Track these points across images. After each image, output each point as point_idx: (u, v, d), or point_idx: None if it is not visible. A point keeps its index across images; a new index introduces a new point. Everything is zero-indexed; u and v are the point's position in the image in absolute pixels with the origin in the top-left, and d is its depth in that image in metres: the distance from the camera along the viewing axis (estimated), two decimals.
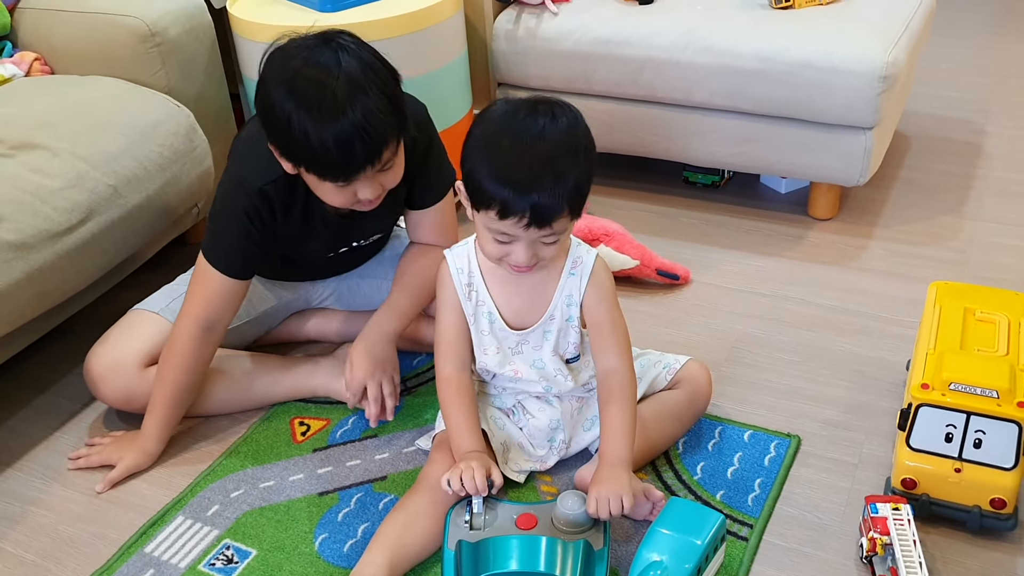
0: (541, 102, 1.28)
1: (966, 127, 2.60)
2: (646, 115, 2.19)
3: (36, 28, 2.02)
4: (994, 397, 1.30)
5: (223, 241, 1.51)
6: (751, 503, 1.44)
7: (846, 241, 2.10)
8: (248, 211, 1.48)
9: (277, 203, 1.49)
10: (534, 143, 1.23)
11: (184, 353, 1.53)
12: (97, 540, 1.46)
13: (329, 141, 1.30)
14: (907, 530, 1.27)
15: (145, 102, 1.86)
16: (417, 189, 1.62)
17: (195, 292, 1.53)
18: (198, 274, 1.54)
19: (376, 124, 1.32)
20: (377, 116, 1.32)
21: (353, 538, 1.42)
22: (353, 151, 1.32)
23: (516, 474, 1.46)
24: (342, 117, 1.29)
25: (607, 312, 1.40)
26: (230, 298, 1.54)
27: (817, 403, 1.63)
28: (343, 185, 1.38)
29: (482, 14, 2.26)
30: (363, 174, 1.37)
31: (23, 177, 1.61)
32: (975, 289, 1.57)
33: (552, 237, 1.27)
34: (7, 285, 1.53)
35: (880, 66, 1.92)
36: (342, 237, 1.65)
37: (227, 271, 1.51)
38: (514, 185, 1.22)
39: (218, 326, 1.55)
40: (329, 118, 1.29)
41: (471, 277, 1.42)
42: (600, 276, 1.40)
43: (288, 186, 1.48)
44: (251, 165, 1.48)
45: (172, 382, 1.54)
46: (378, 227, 1.69)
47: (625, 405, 1.38)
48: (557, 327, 1.41)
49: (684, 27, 2.09)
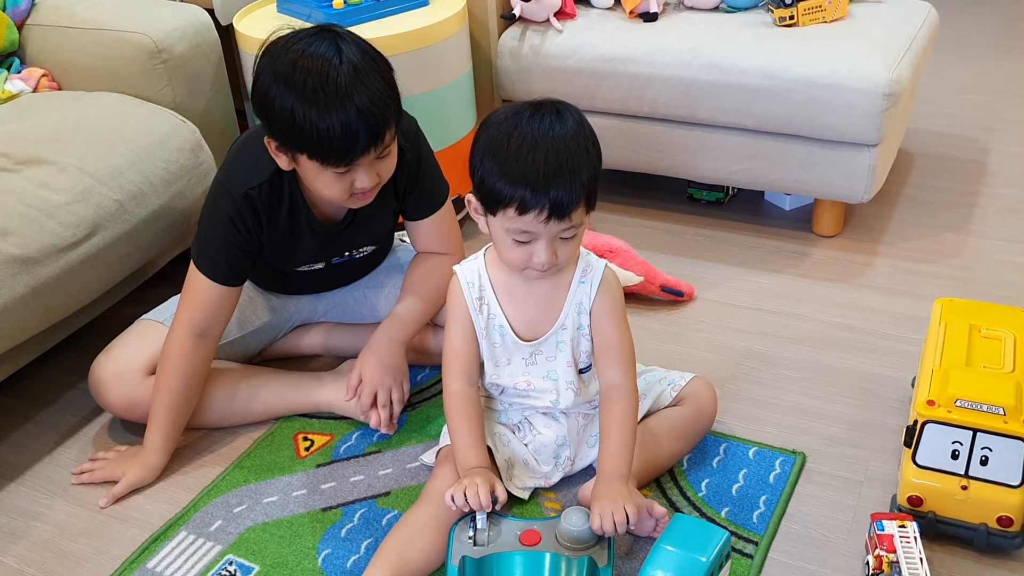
0: (545, 103, 1.30)
1: (970, 145, 2.61)
2: (650, 132, 2.19)
3: (44, 45, 2.03)
4: (1000, 414, 1.30)
5: (210, 247, 1.53)
6: (756, 520, 1.43)
7: (850, 258, 2.10)
8: (233, 216, 1.50)
9: (262, 207, 1.51)
10: (545, 139, 1.25)
11: (178, 361, 1.54)
12: (99, 555, 1.45)
13: (335, 125, 1.34)
14: (914, 548, 1.27)
15: (151, 118, 1.87)
16: (412, 201, 1.64)
17: (186, 299, 1.55)
18: (188, 281, 1.55)
19: (379, 106, 1.36)
20: (379, 98, 1.36)
21: (356, 554, 1.41)
22: (357, 134, 1.35)
23: (520, 491, 1.45)
24: (347, 101, 1.33)
25: (615, 327, 1.41)
26: (221, 305, 1.55)
27: (822, 420, 1.63)
28: (343, 172, 1.40)
29: (487, 31, 2.27)
30: (364, 158, 1.39)
31: (29, 192, 1.62)
32: (980, 306, 1.57)
33: (571, 231, 1.29)
34: (12, 299, 1.54)
35: (884, 84, 1.92)
36: (329, 247, 1.65)
37: (215, 277, 1.53)
38: (531, 180, 1.24)
39: (210, 333, 1.56)
40: (335, 103, 1.33)
41: (482, 291, 1.42)
42: (611, 287, 1.41)
43: (274, 191, 1.51)
44: (237, 170, 1.51)
45: (168, 391, 1.54)
46: (366, 238, 1.69)
47: (625, 420, 1.38)
48: (570, 336, 1.42)
49: (688, 44, 2.09)
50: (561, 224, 1.27)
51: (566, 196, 1.24)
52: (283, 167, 1.45)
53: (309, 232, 1.58)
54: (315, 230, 1.59)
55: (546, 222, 1.26)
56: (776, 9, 2.13)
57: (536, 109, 1.28)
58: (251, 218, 1.51)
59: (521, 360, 1.44)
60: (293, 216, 1.55)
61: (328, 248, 1.65)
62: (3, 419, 1.75)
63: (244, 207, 1.50)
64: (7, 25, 2.00)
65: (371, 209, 1.55)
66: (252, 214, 1.51)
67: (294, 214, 1.55)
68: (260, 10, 2.17)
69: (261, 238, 1.54)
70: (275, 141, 1.42)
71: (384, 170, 1.46)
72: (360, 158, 1.39)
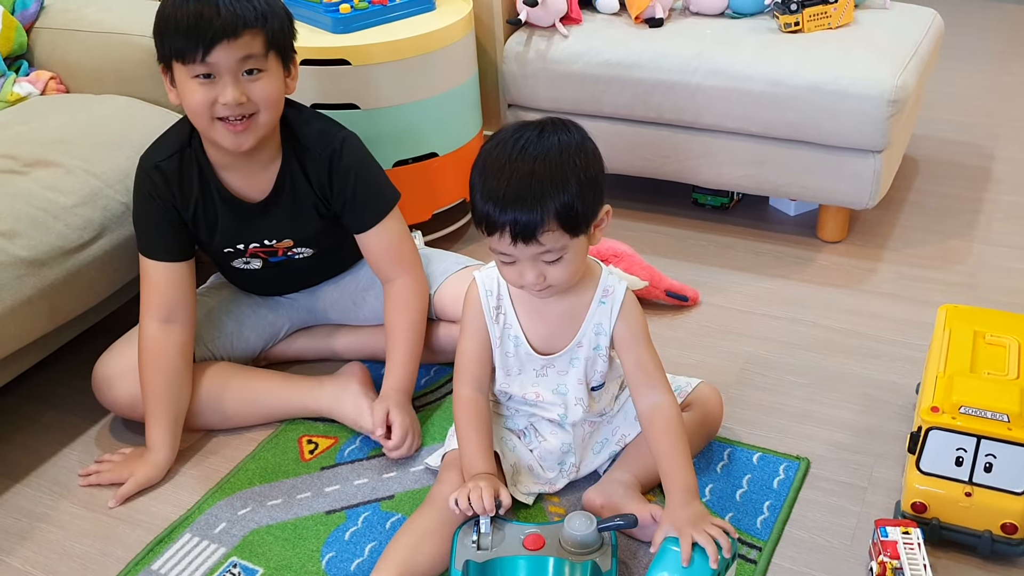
0: (548, 123, 1.28)
1: (975, 151, 2.61)
2: (655, 137, 2.20)
3: (52, 48, 2.04)
4: (1005, 421, 1.30)
5: (142, 226, 1.59)
6: (760, 526, 1.43)
7: (855, 264, 2.10)
8: (148, 189, 1.56)
9: (172, 177, 1.56)
10: (516, 159, 1.24)
11: (151, 353, 1.56)
12: (104, 557, 1.46)
13: (191, 9, 1.40)
14: (917, 554, 1.26)
15: (158, 120, 1.86)
16: (353, 211, 1.64)
17: (143, 290, 1.60)
18: (141, 272, 1.59)
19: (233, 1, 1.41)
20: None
21: (360, 557, 1.41)
22: (210, 18, 1.40)
23: (525, 496, 1.45)
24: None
25: (644, 347, 1.39)
26: (175, 284, 1.58)
27: (826, 426, 1.63)
28: (205, 80, 1.43)
29: (493, 36, 2.28)
30: (221, 55, 1.41)
31: (37, 194, 1.62)
32: (985, 312, 1.57)
33: (550, 255, 1.26)
34: (19, 301, 1.54)
35: (889, 90, 1.92)
36: (246, 228, 1.63)
37: (156, 255, 1.57)
38: (494, 200, 1.23)
39: (176, 316, 1.58)
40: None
41: (500, 300, 1.42)
42: (634, 310, 1.39)
43: (185, 162, 1.57)
44: (149, 150, 1.58)
45: (151, 384, 1.56)
46: (287, 231, 1.65)
47: (682, 436, 1.36)
48: (584, 355, 1.41)
49: (694, 50, 2.10)
50: (531, 248, 1.25)
51: (528, 218, 1.22)
52: (172, 100, 1.51)
53: (222, 204, 1.60)
54: (228, 203, 1.60)
55: (513, 244, 1.24)
56: (781, 15, 2.13)
57: (533, 128, 1.27)
58: (163, 188, 1.56)
59: (532, 371, 1.44)
60: (203, 187, 1.58)
61: (246, 229, 1.63)
62: (9, 420, 1.76)
63: (156, 177, 1.55)
64: (16, 28, 2.01)
65: (288, 199, 1.59)
66: (164, 183, 1.56)
67: (204, 185, 1.58)
68: None
69: (178, 208, 1.57)
70: (160, 64, 1.49)
71: (256, 92, 1.46)
72: (213, 49, 1.41)
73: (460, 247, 2.16)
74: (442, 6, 2.12)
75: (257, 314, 1.78)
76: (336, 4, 1.99)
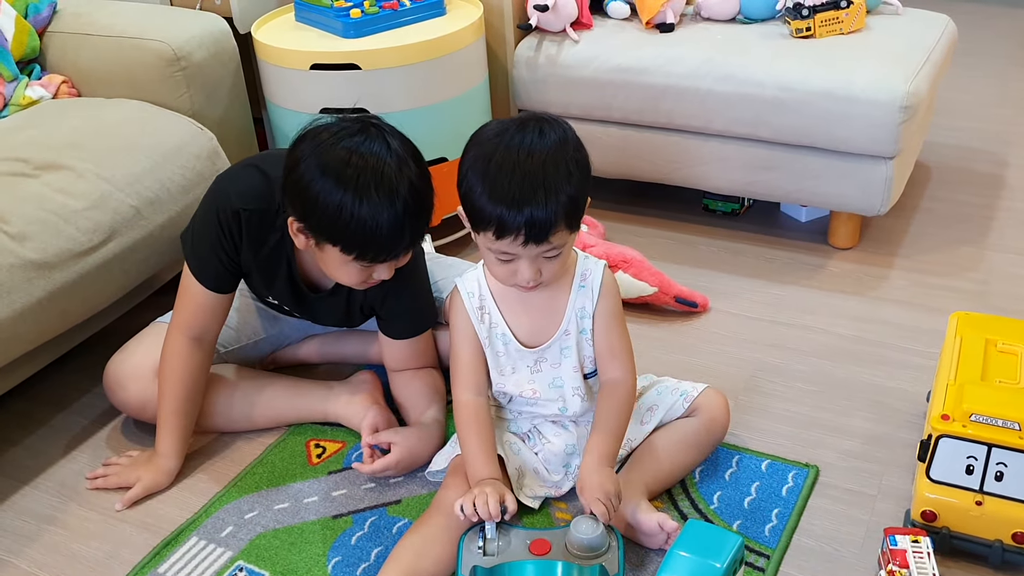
0: (531, 119, 1.29)
1: (988, 158, 2.59)
2: (665, 142, 2.19)
3: (64, 52, 2.05)
4: (1016, 429, 1.29)
5: (199, 251, 1.54)
6: (768, 533, 1.42)
7: (866, 271, 2.09)
8: (221, 224, 1.50)
9: (248, 232, 1.51)
10: (524, 159, 1.24)
11: (177, 365, 1.55)
12: (111, 559, 1.46)
13: (383, 224, 1.32)
14: (927, 564, 1.25)
15: (169, 125, 1.88)
16: (393, 312, 1.61)
17: (180, 302, 1.57)
18: (183, 285, 1.57)
19: (426, 208, 1.37)
20: (425, 199, 1.36)
21: (366, 562, 1.41)
22: (403, 232, 1.35)
23: (531, 500, 1.45)
24: (396, 200, 1.32)
25: (617, 329, 1.42)
26: (214, 311, 1.57)
27: (836, 433, 1.62)
28: (367, 266, 1.40)
29: (503, 41, 2.28)
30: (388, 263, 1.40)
31: (47, 197, 1.63)
32: (996, 320, 1.56)
33: (553, 252, 1.29)
34: (29, 303, 1.55)
35: (901, 96, 1.91)
36: (297, 303, 1.64)
37: (202, 279, 1.54)
38: (507, 203, 1.23)
39: (206, 337, 1.57)
40: (385, 201, 1.32)
41: (482, 300, 1.43)
42: (612, 290, 1.42)
43: (263, 224, 1.50)
44: (240, 187, 1.51)
45: (173, 396, 1.56)
46: (331, 319, 1.69)
47: (625, 413, 1.40)
48: (574, 341, 1.42)
49: (704, 55, 2.09)
50: (540, 247, 1.27)
51: (543, 219, 1.23)
52: (299, 246, 1.44)
53: (286, 279, 1.58)
54: (291, 281, 1.58)
55: (524, 245, 1.26)
56: (793, 21, 2.12)
57: (520, 126, 1.28)
58: (236, 234, 1.51)
59: (526, 368, 1.44)
60: (276, 256, 1.54)
61: (296, 303, 1.64)
62: (17, 423, 1.77)
63: (232, 222, 1.50)
64: (28, 32, 2.03)
65: (343, 298, 1.59)
66: (237, 231, 1.50)
67: (277, 254, 1.54)
68: (278, 19, 2.19)
69: (239, 253, 1.53)
70: (301, 224, 1.39)
71: (401, 263, 1.45)
72: (387, 262, 1.39)
73: (468, 253, 2.15)
74: (453, 11, 2.13)
75: (263, 315, 1.78)
76: (347, 9, 2.00)
